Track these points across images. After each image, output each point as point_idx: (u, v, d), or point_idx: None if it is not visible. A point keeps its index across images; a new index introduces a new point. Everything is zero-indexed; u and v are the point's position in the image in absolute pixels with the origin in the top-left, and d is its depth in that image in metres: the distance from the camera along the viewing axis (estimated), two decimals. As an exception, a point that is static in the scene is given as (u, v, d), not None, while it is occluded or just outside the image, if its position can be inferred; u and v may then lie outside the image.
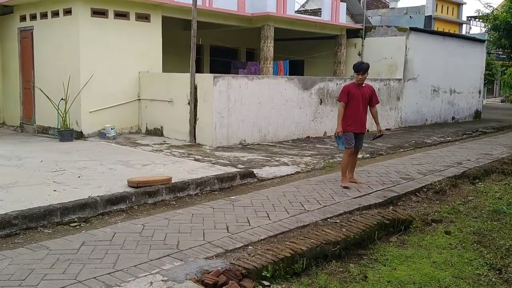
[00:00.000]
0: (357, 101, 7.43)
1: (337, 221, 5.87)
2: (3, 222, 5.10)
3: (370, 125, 14.69)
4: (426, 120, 17.78)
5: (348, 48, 17.66)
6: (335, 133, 7.68)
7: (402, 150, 11.63)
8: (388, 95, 15.55)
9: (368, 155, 10.59)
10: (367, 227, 5.46)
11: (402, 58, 16.33)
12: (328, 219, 5.94)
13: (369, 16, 27.63)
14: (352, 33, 17.57)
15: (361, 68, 7.41)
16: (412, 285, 4.36)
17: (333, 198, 6.86)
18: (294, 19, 15.85)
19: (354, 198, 6.91)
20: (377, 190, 7.37)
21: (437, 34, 19.18)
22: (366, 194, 7.12)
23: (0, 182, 6.74)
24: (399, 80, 16.12)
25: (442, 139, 13.81)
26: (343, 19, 17.58)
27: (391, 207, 6.72)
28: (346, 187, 7.41)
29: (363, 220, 5.66)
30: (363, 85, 7.55)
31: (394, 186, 7.72)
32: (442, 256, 5.06)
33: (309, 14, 20.14)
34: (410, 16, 45.54)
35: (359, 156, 10.28)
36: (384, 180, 8.06)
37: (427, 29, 24.87)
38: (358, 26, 17.74)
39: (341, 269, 4.69)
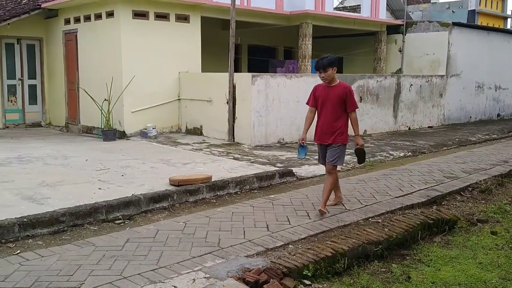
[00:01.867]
0: (322, 105, 6.05)
1: (379, 220, 5.79)
2: (51, 219, 5.28)
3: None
4: (470, 117, 17.28)
5: (388, 45, 17.33)
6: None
7: (446, 148, 11.34)
8: (430, 92, 15.19)
9: (410, 153, 10.38)
10: (410, 227, 5.36)
11: (445, 54, 15.90)
12: (370, 219, 5.87)
13: (409, 12, 27.04)
14: (393, 29, 17.24)
15: (319, 65, 5.87)
16: (457, 286, 4.26)
17: (374, 197, 6.76)
18: (333, 16, 15.68)
19: (396, 197, 6.79)
20: (420, 189, 7.22)
21: (481, 29, 18.57)
22: (408, 193, 6.99)
23: (48, 180, 6.99)
24: (442, 76, 15.72)
25: (487, 136, 13.39)
26: (383, 15, 17.26)
27: (435, 206, 6.57)
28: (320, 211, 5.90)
29: (405, 220, 5.57)
30: (335, 84, 5.97)
31: (437, 185, 7.54)
32: (488, 257, 4.91)
33: (348, 11, 19.89)
34: (452, 11, 44.39)
35: (401, 154, 10.13)
36: (427, 179, 7.88)
37: (470, 24, 24.19)
38: (398, 22, 17.39)
39: (384, 269, 4.62)
